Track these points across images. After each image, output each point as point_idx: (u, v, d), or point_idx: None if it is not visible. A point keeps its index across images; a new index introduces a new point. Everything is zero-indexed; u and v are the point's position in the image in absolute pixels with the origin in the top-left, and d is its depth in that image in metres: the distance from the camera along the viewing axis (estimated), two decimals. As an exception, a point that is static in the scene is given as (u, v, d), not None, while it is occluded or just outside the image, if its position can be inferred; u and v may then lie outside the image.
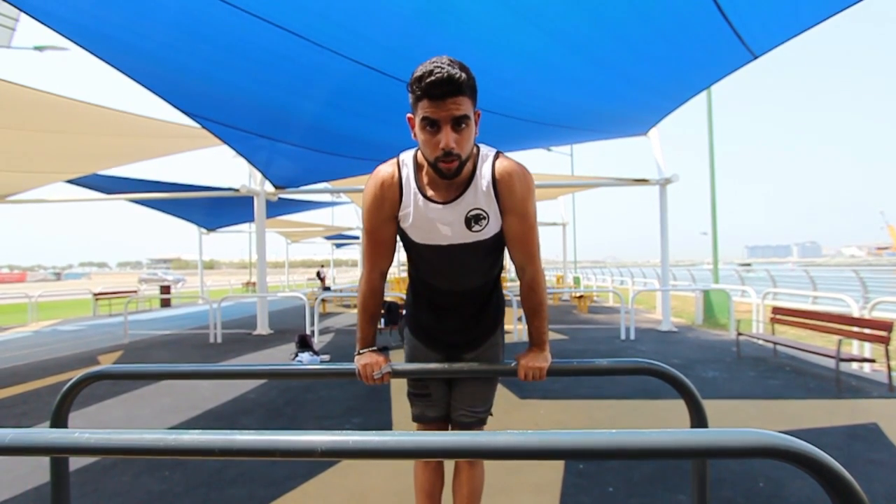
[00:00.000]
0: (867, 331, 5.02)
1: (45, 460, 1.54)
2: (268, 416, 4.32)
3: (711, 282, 11.23)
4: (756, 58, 4.41)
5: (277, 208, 13.85)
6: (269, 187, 9.89)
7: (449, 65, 1.18)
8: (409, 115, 1.30)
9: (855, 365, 5.54)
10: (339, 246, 35.33)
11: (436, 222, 1.35)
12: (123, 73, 4.60)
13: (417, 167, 1.37)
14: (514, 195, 1.33)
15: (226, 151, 8.57)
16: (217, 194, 10.82)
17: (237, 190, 9.93)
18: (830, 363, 5.08)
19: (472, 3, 3.47)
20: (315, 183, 10.35)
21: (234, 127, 6.34)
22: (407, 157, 1.40)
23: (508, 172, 1.33)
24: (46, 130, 7.10)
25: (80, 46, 4.07)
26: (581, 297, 13.18)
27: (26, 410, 4.65)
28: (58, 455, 1.48)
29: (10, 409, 4.73)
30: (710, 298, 10.16)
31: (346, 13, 3.61)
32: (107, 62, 4.41)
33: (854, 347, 5.78)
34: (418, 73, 1.20)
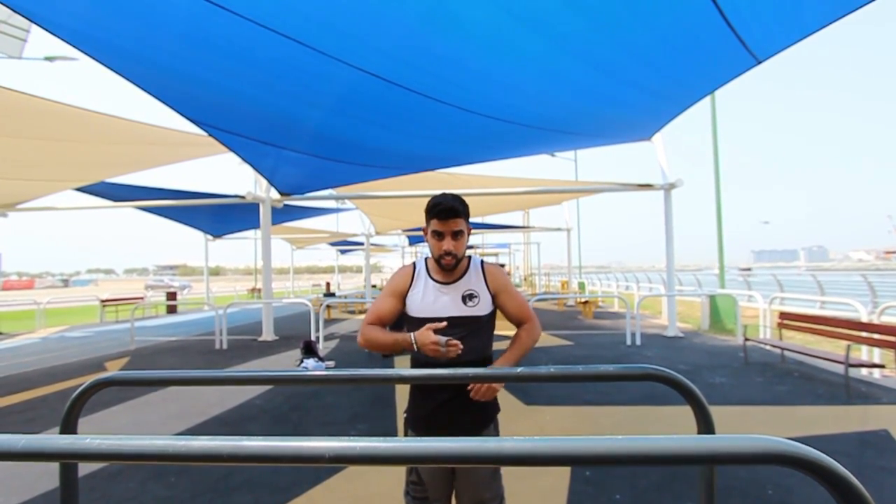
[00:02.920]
0: (876, 336, 4.96)
1: (54, 466, 1.56)
2: (273, 422, 4.33)
3: (717, 287, 11.16)
4: (760, 62, 4.40)
5: (283, 215, 13.91)
6: (274, 194, 9.95)
7: (452, 199, 1.76)
8: (423, 226, 1.84)
9: (864, 370, 5.48)
10: (343, 252, 35.40)
11: (439, 296, 1.79)
12: (131, 82, 4.66)
13: (428, 264, 1.87)
14: (499, 280, 1.85)
15: (232, 159, 8.63)
16: (223, 201, 10.90)
17: (243, 197, 10.00)
18: (839, 369, 5.03)
19: (475, 10, 3.50)
20: (320, 190, 10.40)
21: (240, 134, 6.40)
22: (421, 259, 1.91)
23: (491, 268, 1.87)
24: (56, 139, 7.20)
25: (90, 56, 4.13)
26: (586, 302, 13.13)
27: (34, 416, 4.68)
28: (70, 461, 1.49)
29: (20, 414, 4.77)
30: (716, 303, 10.09)
31: (351, 22, 3.64)
32: (115, 72, 4.47)
33: (863, 353, 5.72)
34: (432, 203, 1.76)
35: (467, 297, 1.78)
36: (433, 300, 1.78)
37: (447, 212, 1.73)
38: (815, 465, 0.74)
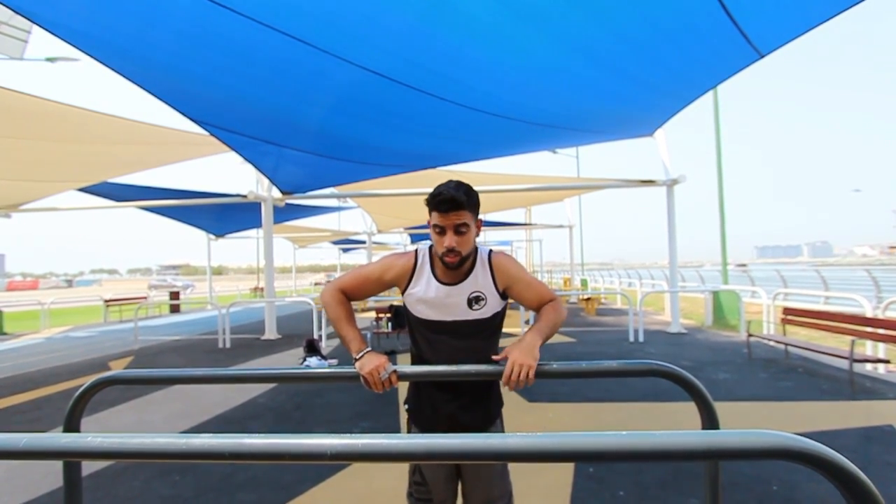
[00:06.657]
0: (881, 331, 4.94)
1: (58, 465, 1.56)
2: (277, 420, 4.33)
3: (720, 283, 11.11)
4: (762, 56, 4.37)
5: (285, 214, 13.92)
6: (276, 193, 9.96)
7: (455, 188, 1.56)
8: (428, 219, 1.64)
9: (869, 366, 5.45)
10: (345, 251, 35.43)
11: (442, 299, 1.64)
12: (132, 81, 4.66)
13: (433, 257, 1.69)
14: (510, 271, 1.67)
15: (233, 158, 8.64)
16: (225, 200, 10.91)
17: (245, 196, 10.01)
18: (844, 364, 5.00)
19: (477, 7, 3.48)
20: (321, 188, 10.40)
21: (241, 133, 6.39)
22: (425, 249, 1.72)
23: (500, 260, 1.68)
24: (58, 140, 7.21)
25: (90, 56, 4.13)
26: (588, 299, 13.11)
27: (39, 416, 4.70)
28: (71, 459, 1.49)
29: (24, 414, 4.79)
30: (719, 299, 10.06)
31: (352, 19, 3.63)
32: (116, 71, 4.47)
33: (868, 348, 5.69)
34: (433, 192, 1.57)
35: (473, 300, 1.63)
36: (437, 303, 1.64)
37: (448, 203, 1.53)
38: (823, 461, 0.73)
